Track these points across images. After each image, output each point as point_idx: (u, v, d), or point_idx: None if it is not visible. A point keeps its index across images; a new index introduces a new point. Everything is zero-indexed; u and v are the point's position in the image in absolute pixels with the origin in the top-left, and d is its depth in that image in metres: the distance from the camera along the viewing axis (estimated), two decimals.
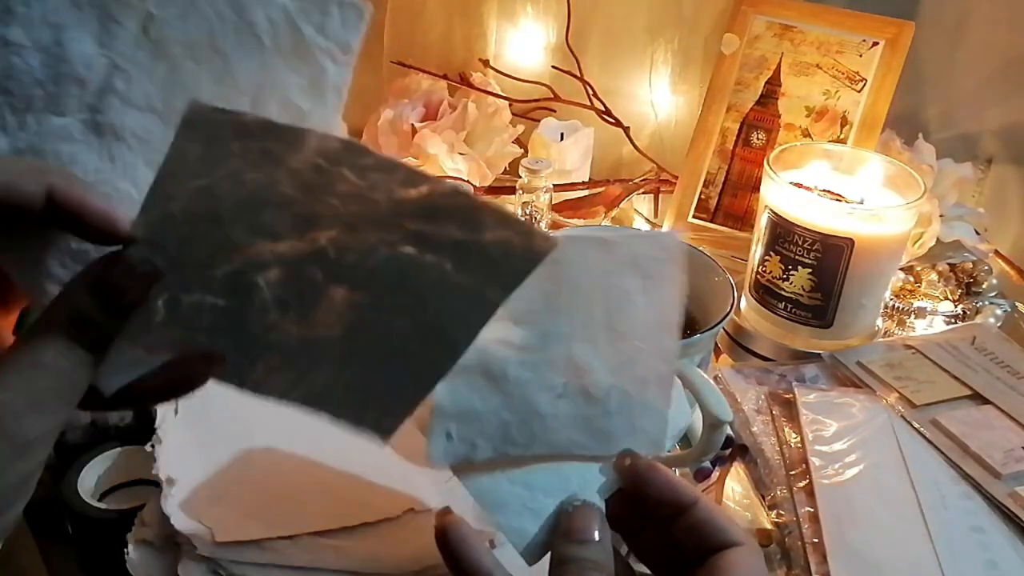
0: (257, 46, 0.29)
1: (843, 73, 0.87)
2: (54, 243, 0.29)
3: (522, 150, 1.00)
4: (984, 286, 0.86)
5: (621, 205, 0.96)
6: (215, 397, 0.33)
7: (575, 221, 0.94)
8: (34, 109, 0.28)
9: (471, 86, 1.00)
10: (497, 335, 0.36)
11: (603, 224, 0.94)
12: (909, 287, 0.86)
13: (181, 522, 0.49)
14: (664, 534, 0.39)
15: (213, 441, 0.55)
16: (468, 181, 0.92)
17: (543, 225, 0.90)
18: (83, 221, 0.29)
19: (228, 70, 0.29)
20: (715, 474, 0.63)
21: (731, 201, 0.91)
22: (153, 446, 0.54)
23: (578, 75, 0.99)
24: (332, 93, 0.31)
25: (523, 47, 1.05)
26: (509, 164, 1.00)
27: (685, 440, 0.64)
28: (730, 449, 0.65)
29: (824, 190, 0.74)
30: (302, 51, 0.29)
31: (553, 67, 1.02)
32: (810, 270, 0.72)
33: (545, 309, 0.36)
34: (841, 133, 0.87)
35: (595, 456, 0.38)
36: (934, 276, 0.87)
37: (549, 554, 0.37)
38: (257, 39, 0.28)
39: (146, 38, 0.28)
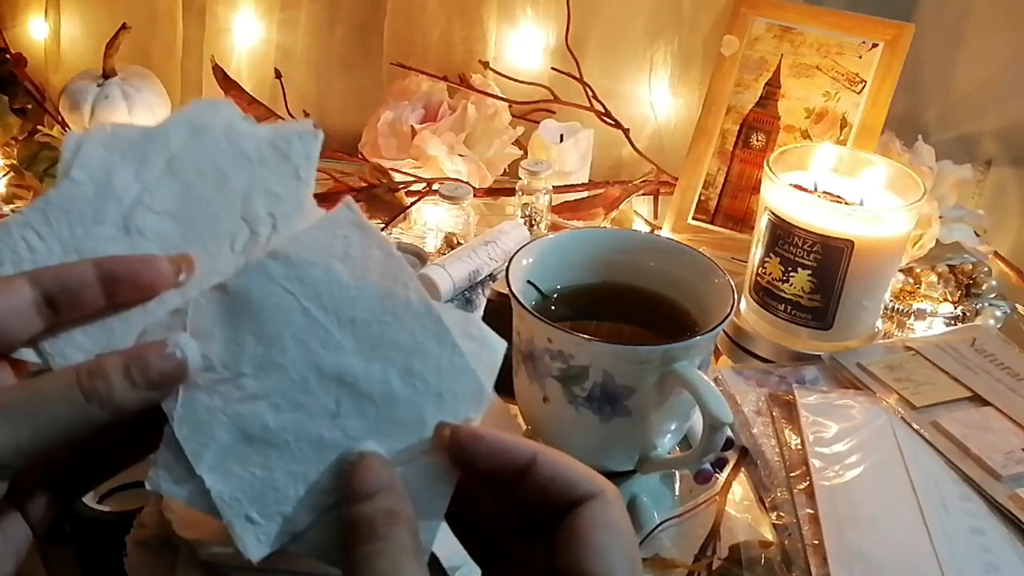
0: (247, 163, 0.39)
1: (843, 75, 0.87)
2: None
3: (522, 152, 1.00)
4: (984, 288, 0.86)
5: (620, 207, 0.96)
6: None
7: (575, 223, 0.94)
8: (84, 223, 0.37)
9: (471, 88, 1.00)
10: (228, 395, 0.33)
11: (603, 225, 0.94)
12: (909, 289, 0.86)
13: (181, 525, 0.49)
14: (508, 500, 0.34)
15: None
16: (468, 183, 0.92)
17: (543, 227, 0.91)
18: (136, 273, 0.35)
19: (226, 181, 0.38)
20: (719, 478, 0.63)
21: (731, 203, 0.91)
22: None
23: (578, 77, 0.99)
24: (304, 185, 0.39)
25: (523, 49, 1.05)
26: (509, 166, 1.00)
27: (685, 442, 0.64)
28: (730, 450, 0.65)
29: (824, 192, 0.74)
30: (278, 159, 0.39)
31: (553, 69, 1.02)
32: (810, 272, 0.72)
33: (255, 343, 0.34)
34: (841, 135, 0.87)
35: (423, 452, 0.34)
36: (934, 278, 0.87)
37: None
38: (247, 158, 0.39)
39: (168, 169, 0.38)
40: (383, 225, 0.90)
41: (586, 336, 0.55)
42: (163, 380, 0.33)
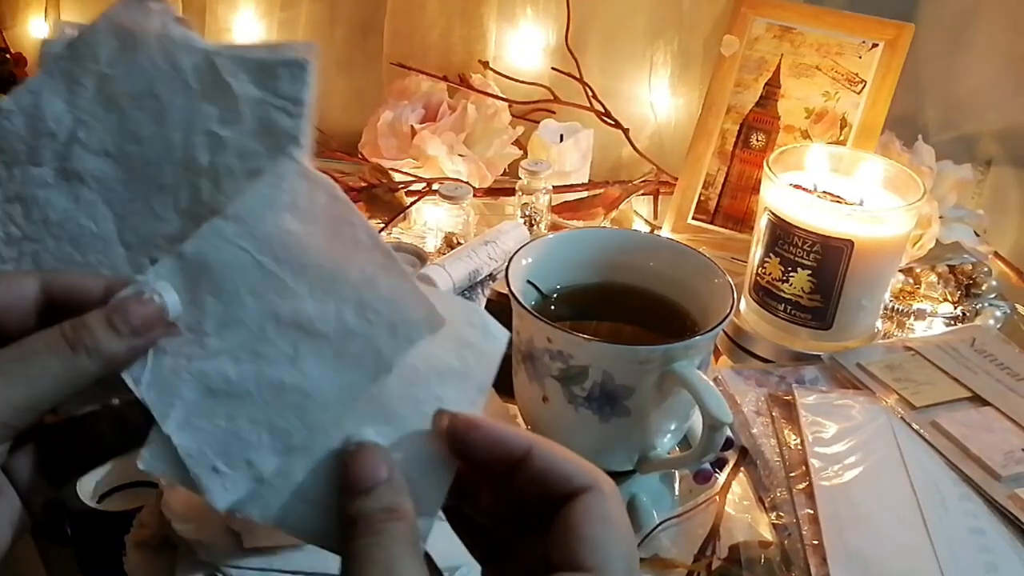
0: (185, 89, 0.35)
1: (843, 75, 0.87)
2: None
3: (522, 152, 1.00)
4: (983, 288, 0.86)
5: (620, 207, 0.96)
6: None
7: (575, 223, 0.94)
8: (19, 162, 0.35)
9: (471, 88, 1.00)
10: (192, 354, 0.33)
11: (603, 224, 0.94)
12: (909, 289, 0.86)
13: (181, 525, 0.49)
14: (505, 493, 0.34)
15: None
16: (468, 183, 0.92)
17: (543, 227, 0.91)
18: (81, 297, 0.33)
19: (163, 113, 0.35)
20: (719, 478, 0.63)
21: (731, 203, 0.91)
22: None
23: (578, 77, 0.99)
24: (291, 143, 0.36)
25: (523, 49, 1.05)
26: (508, 166, 1.00)
27: (685, 442, 0.64)
28: (730, 450, 0.65)
29: (824, 192, 0.74)
30: (221, 86, 0.35)
31: (553, 69, 1.02)
32: (810, 272, 0.72)
33: (214, 303, 0.34)
34: (841, 135, 0.87)
35: (423, 441, 0.33)
36: (933, 278, 0.88)
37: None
38: (185, 83, 0.35)
39: (100, 93, 0.35)
40: (383, 225, 0.90)
41: (586, 336, 0.55)
42: (145, 325, 0.33)
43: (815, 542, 0.56)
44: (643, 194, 0.99)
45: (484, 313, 0.35)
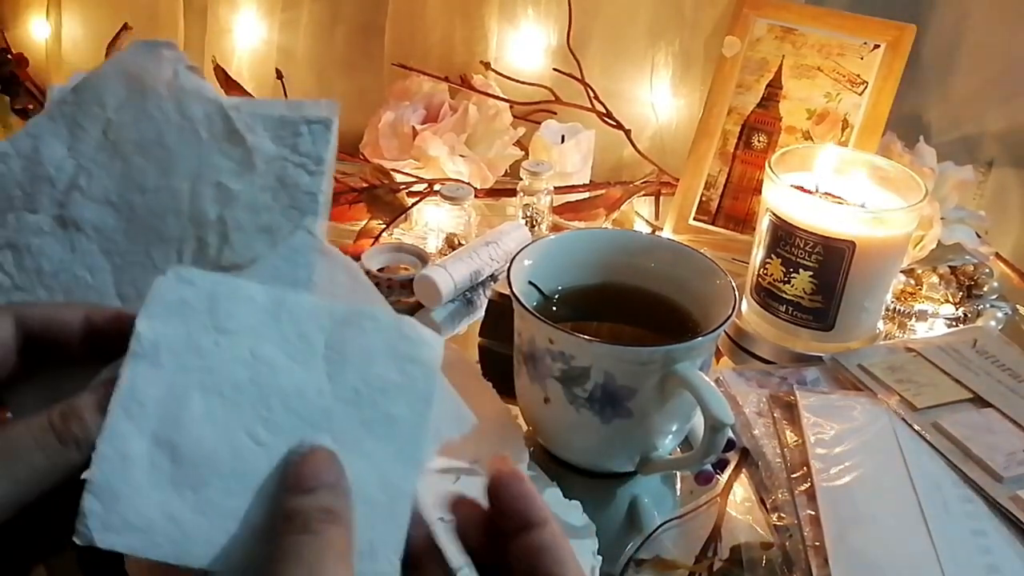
0: (195, 139, 0.34)
1: (844, 76, 0.87)
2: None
3: (523, 152, 1.00)
4: (985, 289, 0.86)
5: (622, 207, 0.96)
6: None
7: (576, 223, 0.94)
8: (14, 208, 0.34)
9: (472, 88, 1.00)
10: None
11: (603, 224, 0.94)
12: (910, 290, 0.86)
13: None
14: (498, 545, 0.34)
15: None
16: (469, 183, 0.92)
17: (544, 228, 0.91)
18: (60, 329, 0.32)
19: (171, 163, 0.34)
20: (720, 479, 0.63)
21: (732, 204, 0.91)
22: None
23: (579, 77, 0.99)
24: (308, 200, 0.35)
25: (524, 49, 1.05)
26: (510, 166, 1.00)
27: (686, 443, 0.64)
28: (732, 451, 0.65)
29: (825, 193, 0.74)
30: (234, 138, 0.35)
31: (554, 69, 1.02)
32: (811, 273, 0.72)
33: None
34: (842, 136, 0.87)
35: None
36: (935, 279, 0.87)
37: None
38: (195, 133, 0.34)
39: (105, 140, 0.34)
40: (384, 226, 0.90)
41: (587, 337, 0.55)
42: None
43: (816, 543, 0.56)
44: (644, 195, 0.99)
45: (415, 322, 0.35)
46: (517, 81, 1.02)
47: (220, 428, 0.32)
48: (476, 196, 0.91)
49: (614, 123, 1.00)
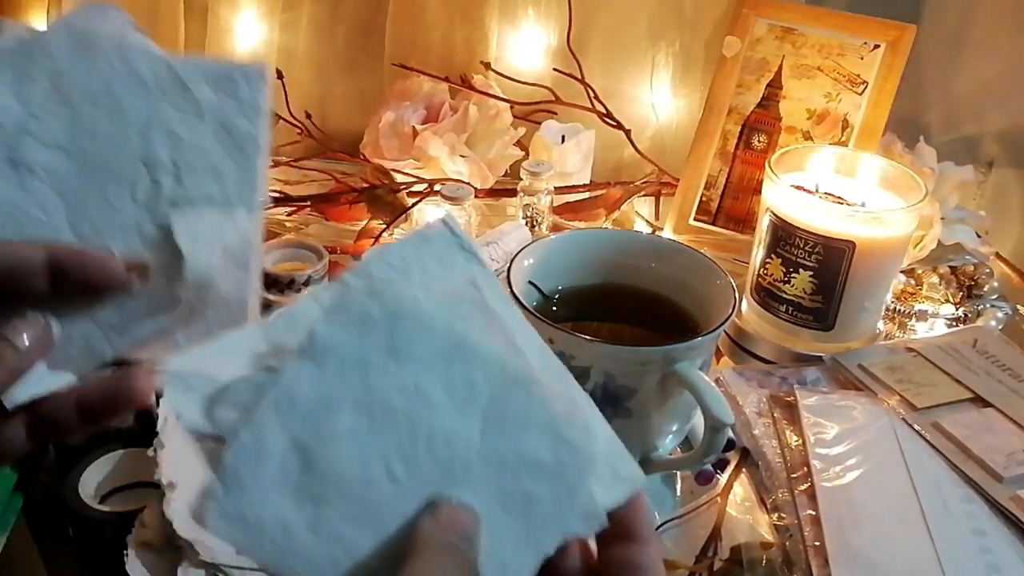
0: (143, 90, 0.36)
1: (844, 76, 0.87)
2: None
3: (523, 152, 1.00)
4: (985, 289, 0.86)
5: (622, 208, 0.96)
6: None
7: (576, 224, 0.94)
8: None
9: (472, 88, 1.00)
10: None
11: (603, 225, 0.94)
12: (910, 290, 0.86)
13: (183, 526, 0.49)
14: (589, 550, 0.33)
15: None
16: (469, 184, 0.92)
17: (544, 228, 0.91)
18: (87, 271, 0.33)
19: (120, 110, 0.36)
20: (720, 479, 0.63)
21: (732, 204, 0.91)
22: (156, 450, 0.54)
23: (579, 78, 0.99)
24: (251, 145, 0.37)
25: (524, 49, 1.05)
26: (510, 167, 1.00)
27: (686, 443, 0.64)
28: (732, 451, 0.65)
29: (825, 193, 0.74)
30: (179, 89, 0.37)
31: (554, 70, 1.02)
32: (811, 273, 0.72)
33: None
34: (842, 136, 0.87)
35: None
36: (935, 279, 0.87)
37: None
38: (143, 84, 0.36)
39: (53, 90, 0.36)
40: (384, 226, 0.90)
41: (587, 337, 0.55)
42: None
43: (817, 543, 0.56)
44: (645, 195, 0.99)
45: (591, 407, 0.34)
46: (517, 81, 1.02)
47: (360, 450, 0.31)
48: (476, 196, 0.91)
49: (614, 123, 1.00)
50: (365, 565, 0.30)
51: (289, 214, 0.91)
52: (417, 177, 0.94)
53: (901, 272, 0.84)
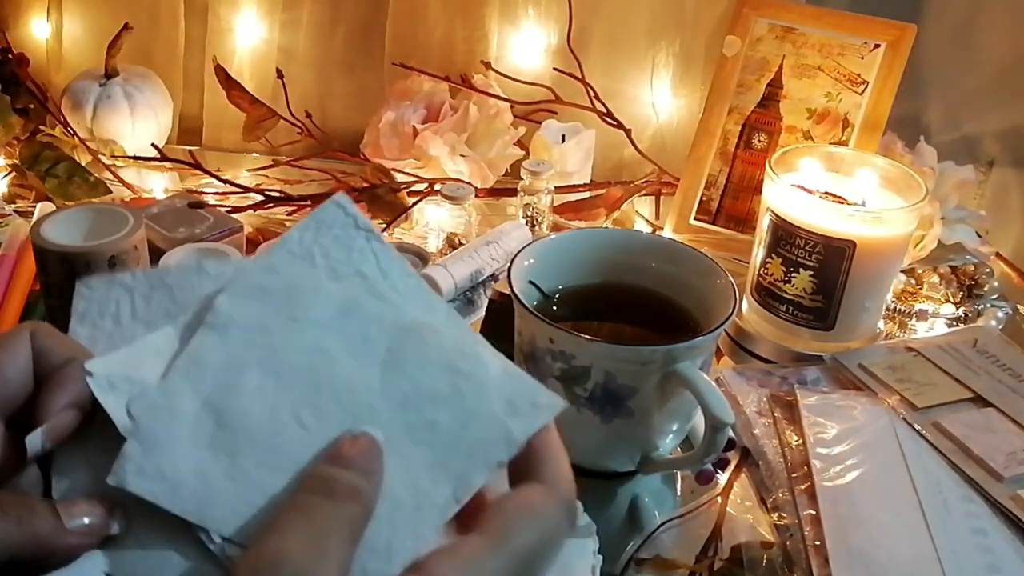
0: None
1: (845, 75, 0.87)
2: None
3: (523, 152, 1.00)
4: (985, 289, 0.86)
5: (622, 207, 0.96)
6: None
7: (576, 223, 0.94)
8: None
9: (472, 88, 1.00)
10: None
11: (604, 225, 0.94)
12: (911, 290, 0.86)
13: None
14: None
15: None
16: (469, 183, 0.92)
17: (545, 228, 0.91)
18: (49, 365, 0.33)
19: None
20: (720, 479, 0.63)
21: (732, 203, 0.91)
22: None
23: (579, 77, 0.99)
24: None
25: (524, 49, 1.05)
26: (510, 166, 1.00)
27: (687, 442, 0.64)
28: (732, 451, 0.65)
29: (826, 192, 0.74)
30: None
31: (554, 69, 1.02)
32: (812, 272, 0.72)
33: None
34: (843, 135, 0.87)
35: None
36: (935, 279, 0.87)
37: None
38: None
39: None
40: (384, 225, 0.90)
41: (588, 336, 0.55)
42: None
43: (817, 543, 0.56)
44: (645, 195, 0.99)
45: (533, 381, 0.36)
46: (518, 81, 1.02)
47: (268, 404, 0.33)
48: (477, 196, 0.91)
49: (614, 123, 1.00)
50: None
51: (289, 214, 0.91)
52: (417, 177, 0.94)
53: (901, 272, 0.84)
